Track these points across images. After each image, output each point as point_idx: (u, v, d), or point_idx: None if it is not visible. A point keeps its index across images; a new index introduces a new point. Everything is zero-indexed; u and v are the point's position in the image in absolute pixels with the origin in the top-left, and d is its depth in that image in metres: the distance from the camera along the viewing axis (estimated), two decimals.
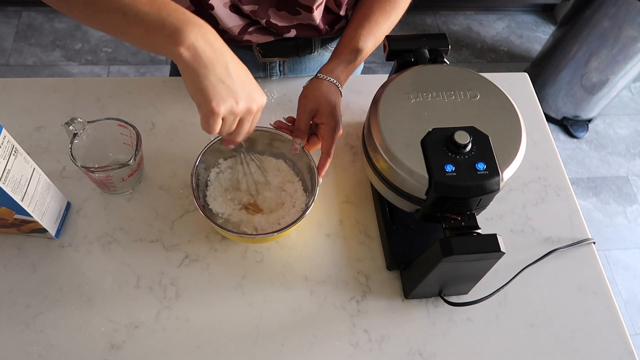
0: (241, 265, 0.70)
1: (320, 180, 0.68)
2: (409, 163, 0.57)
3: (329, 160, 0.69)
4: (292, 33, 0.78)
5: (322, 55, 0.89)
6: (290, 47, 0.83)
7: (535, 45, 2.26)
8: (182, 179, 0.76)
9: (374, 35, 0.73)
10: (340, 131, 0.70)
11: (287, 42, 0.81)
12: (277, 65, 0.87)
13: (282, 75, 0.89)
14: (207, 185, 0.72)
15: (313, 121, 0.70)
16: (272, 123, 0.72)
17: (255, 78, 0.87)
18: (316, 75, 0.72)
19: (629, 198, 1.88)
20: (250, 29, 0.77)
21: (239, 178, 0.72)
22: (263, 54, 0.82)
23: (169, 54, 0.50)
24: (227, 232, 0.63)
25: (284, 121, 0.73)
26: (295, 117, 0.72)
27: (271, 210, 0.71)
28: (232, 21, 0.74)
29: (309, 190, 0.70)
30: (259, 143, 0.74)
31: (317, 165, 0.68)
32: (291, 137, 0.70)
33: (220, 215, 0.70)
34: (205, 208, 0.70)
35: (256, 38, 0.78)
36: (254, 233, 0.68)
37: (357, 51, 0.72)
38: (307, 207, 0.65)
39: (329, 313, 0.67)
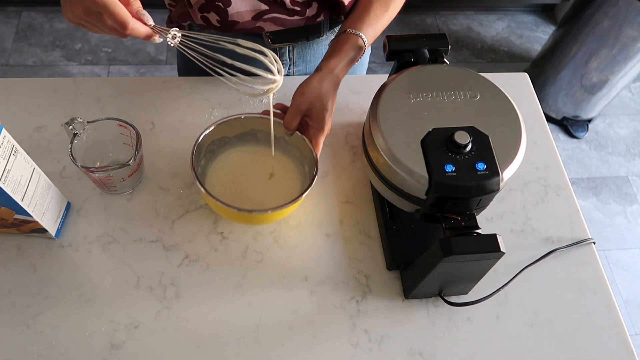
0: (241, 265, 0.70)
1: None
2: (409, 163, 0.57)
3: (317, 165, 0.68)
4: (314, 8, 0.78)
5: (330, 40, 0.89)
6: (300, 32, 0.83)
7: (535, 45, 2.26)
8: (182, 179, 0.76)
9: (374, 29, 0.73)
10: (327, 132, 0.70)
11: (297, 28, 0.82)
12: (287, 51, 0.87)
13: (291, 63, 0.90)
14: (208, 167, 0.72)
15: (303, 118, 0.70)
16: (262, 112, 0.72)
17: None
18: (317, 68, 0.71)
19: (629, 198, 1.88)
20: (265, 17, 0.77)
21: (240, 168, 0.71)
22: (273, 40, 0.82)
23: None
24: (222, 206, 0.61)
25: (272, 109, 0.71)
26: (282, 104, 0.71)
27: (272, 192, 0.70)
28: (247, 4, 0.74)
29: (306, 173, 0.70)
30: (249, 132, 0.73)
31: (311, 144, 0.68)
32: (281, 121, 0.69)
33: (217, 191, 0.68)
34: (204, 182, 0.68)
35: (268, 26, 0.78)
36: (253, 209, 0.64)
37: (358, 48, 0.72)
38: (311, 182, 0.64)
39: (329, 313, 0.67)
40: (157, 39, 0.61)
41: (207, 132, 0.68)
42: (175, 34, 0.60)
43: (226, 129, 0.71)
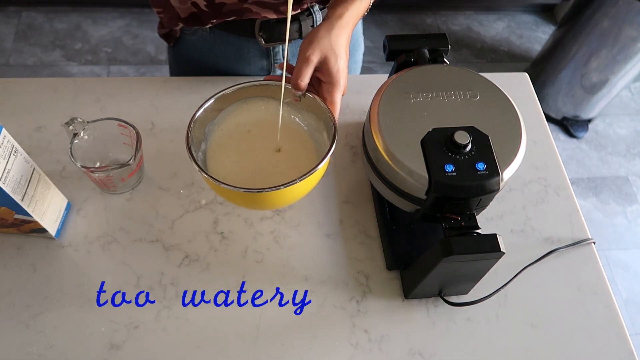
0: (241, 265, 0.70)
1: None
2: (409, 163, 0.57)
3: (336, 126, 0.61)
4: None
5: None
6: (293, 31, 0.82)
7: (535, 45, 2.26)
8: (182, 179, 0.76)
9: None
10: (344, 88, 0.62)
11: (290, 25, 0.80)
12: (281, 50, 0.86)
13: (285, 62, 0.89)
14: (206, 141, 0.66)
15: (313, 75, 0.63)
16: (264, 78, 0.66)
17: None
18: (324, 18, 0.65)
19: (629, 198, 1.88)
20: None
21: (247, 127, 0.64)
22: (267, 39, 0.81)
23: None
24: (228, 188, 0.56)
25: (278, 71, 0.66)
26: (288, 64, 0.63)
27: (284, 170, 0.63)
28: None
29: (326, 141, 0.62)
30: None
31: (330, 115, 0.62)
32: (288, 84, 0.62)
33: (221, 172, 0.63)
34: (204, 165, 0.62)
35: (256, 9, 0.76)
36: (263, 188, 0.56)
37: None
38: (329, 149, 0.57)
39: (329, 313, 0.67)
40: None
41: (204, 107, 0.62)
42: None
43: (225, 102, 0.65)
